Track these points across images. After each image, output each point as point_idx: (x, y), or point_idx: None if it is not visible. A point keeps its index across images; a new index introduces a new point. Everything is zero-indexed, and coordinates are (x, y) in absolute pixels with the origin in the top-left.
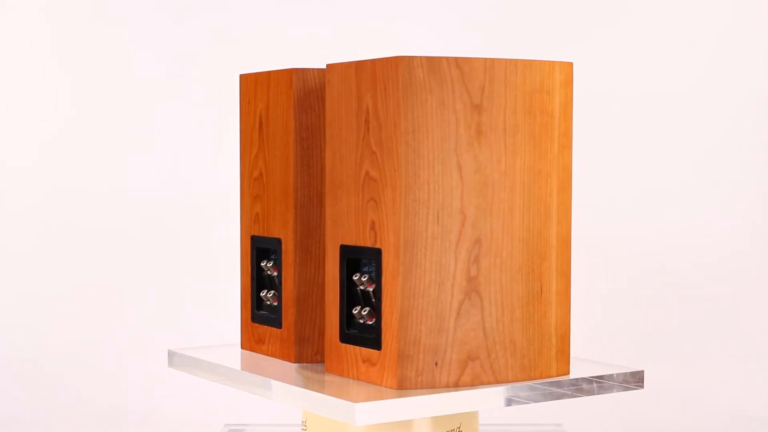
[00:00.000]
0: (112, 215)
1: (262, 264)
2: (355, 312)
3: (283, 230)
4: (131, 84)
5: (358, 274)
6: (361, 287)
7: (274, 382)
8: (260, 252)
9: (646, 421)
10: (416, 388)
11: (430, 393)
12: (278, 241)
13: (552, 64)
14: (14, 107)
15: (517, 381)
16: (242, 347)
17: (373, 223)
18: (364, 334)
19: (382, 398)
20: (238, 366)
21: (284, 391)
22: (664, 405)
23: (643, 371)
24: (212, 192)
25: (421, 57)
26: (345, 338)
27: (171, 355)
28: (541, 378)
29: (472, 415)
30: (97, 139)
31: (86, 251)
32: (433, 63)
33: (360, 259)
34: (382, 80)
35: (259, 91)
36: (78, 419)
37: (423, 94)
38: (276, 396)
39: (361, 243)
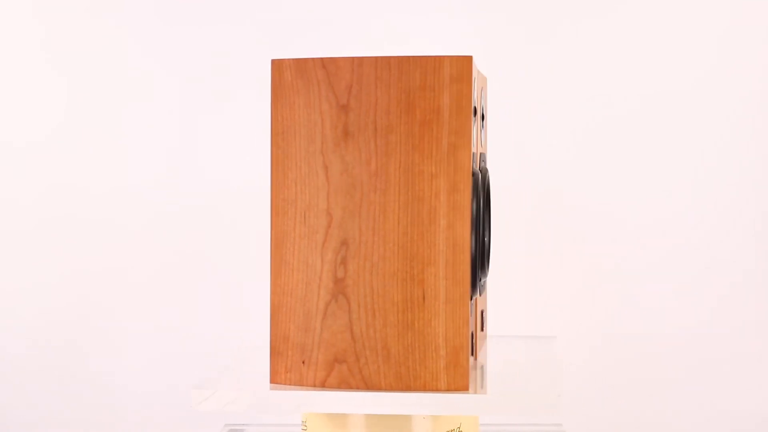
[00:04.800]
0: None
1: None
2: None
3: None
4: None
5: None
6: None
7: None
8: None
9: (648, 421)
10: (286, 384)
11: (285, 390)
12: None
13: (440, 59)
14: (12, 105)
15: (390, 389)
16: None
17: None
18: None
19: (233, 390)
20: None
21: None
22: (665, 404)
23: (556, 398)
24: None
25: (290, 59)
26: None
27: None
28: (424, 390)
29: (473, 415)
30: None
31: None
32: (300, 65)
33: None
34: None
35: None
36: (73, 418)
37: (291, 96)
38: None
39: None
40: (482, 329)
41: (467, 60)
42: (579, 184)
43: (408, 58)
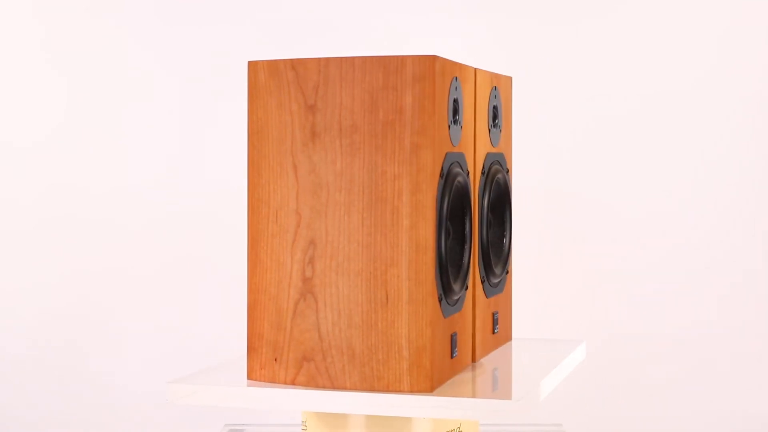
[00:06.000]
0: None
1: None
2: None
3: None
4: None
5: None
6: None
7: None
8: None
9: (648, 421)
10: (260, 380)
11: (259, 386)
12: None
13: (402, 58)
14: (13, 104)
15: (355, 390)
16: None
17: None
18: None
19: (209, 386)
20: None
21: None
22: (665, 404)
23: (515, 403)
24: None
25: (263, 61)
26: None
27: None
28: (387, 391)
29: None
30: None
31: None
32: (272, 66)
33: None
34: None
35: None
36: (73, 418)
37: (265, 97)
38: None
39: None
40: (494, 331)
41: (430, 59)
42: (579, 184)
43: (372, 58)
